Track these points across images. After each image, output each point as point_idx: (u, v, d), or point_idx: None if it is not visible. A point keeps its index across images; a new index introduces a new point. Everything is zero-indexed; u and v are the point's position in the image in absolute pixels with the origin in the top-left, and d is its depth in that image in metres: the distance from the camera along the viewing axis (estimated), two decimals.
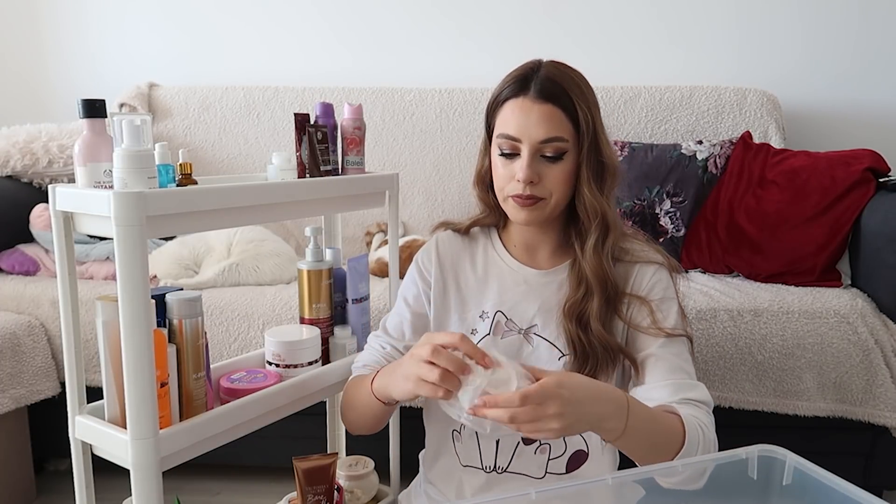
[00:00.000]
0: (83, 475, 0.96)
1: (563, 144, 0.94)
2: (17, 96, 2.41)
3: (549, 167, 0.95)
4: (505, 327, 1.01)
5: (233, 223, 1.01)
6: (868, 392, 1.46)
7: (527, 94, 0.94)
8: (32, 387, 1.53)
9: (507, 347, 1.00)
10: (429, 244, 1.10)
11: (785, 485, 0.80)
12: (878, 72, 2.18)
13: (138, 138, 0.85)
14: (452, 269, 1.07)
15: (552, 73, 0.95)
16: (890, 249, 1.54)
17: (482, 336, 1.01)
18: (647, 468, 0.90)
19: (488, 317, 1.02)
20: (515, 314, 1.01)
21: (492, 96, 1.00)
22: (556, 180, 0.95)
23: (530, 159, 0.94)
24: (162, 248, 1.75)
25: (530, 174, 0.94)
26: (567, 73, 0.97)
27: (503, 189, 0.98)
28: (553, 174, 0.95)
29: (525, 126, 0.94)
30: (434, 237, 1.11)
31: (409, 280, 1.10)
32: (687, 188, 1.85)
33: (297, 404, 1.09)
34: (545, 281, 1.02)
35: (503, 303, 1.02)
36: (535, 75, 0.95)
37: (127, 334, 0.82)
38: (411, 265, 1.11)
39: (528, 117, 0.94)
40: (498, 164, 0.98)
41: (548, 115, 0.93)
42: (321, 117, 1.16)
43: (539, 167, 0.94)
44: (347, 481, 1.25)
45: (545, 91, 0.94)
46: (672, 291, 1.00)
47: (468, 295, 1.05)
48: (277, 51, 2.33)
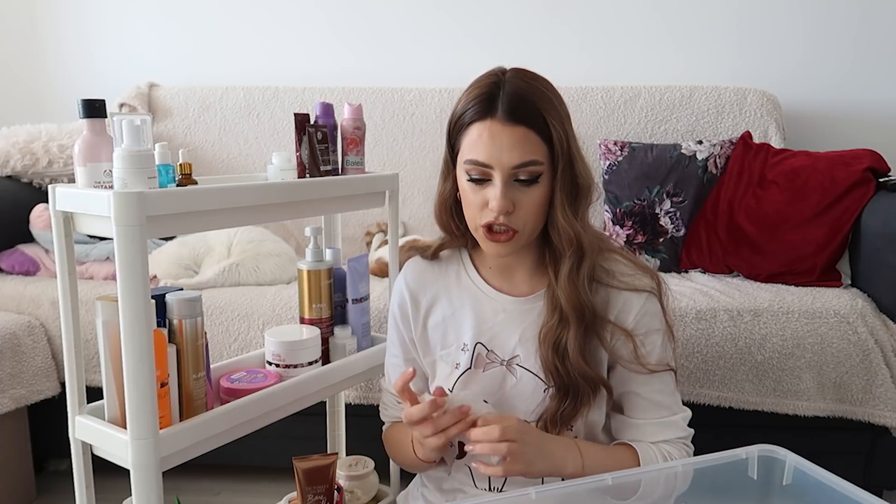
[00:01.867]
0: (83, 475, 0.96)
1: (539, 168, 0.87)
2: (17, 96, 2.41)
3: (524, 192, 0.88)
4: (486, 359, 0.96)
5: (233, 223, 1.01)
6: (868, 392, 1.46)
7: (494, 115, 0.87)
8: (32, 387, 1.53)
9: (491, 380, 0.96)
10: (398, 283, 1.05)
11: (785, 485, 0.80)
12: (879, 72, 2.18)
13: (138, 138, 0.85)
14: (427, 302, 1.01)
15: (520, 89, 0.88)
16: (890, 249, 1.54)
17: (464, 370, 0.97)
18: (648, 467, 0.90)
19: (468, 349, 0.97)
20: (496, 345, 0.96)
21: (453, 115, 0.93)
22: (531, 207, 0.89)
23: (504, 187, 0.87)
24: (162, 248, 1.75)
25: (506, 204, 0.87)
26: (535, 86, 0.89)
27: (474, 217, 0.91)
28: (528, 200, 0.88)
29: (496, 152, 0.86)
30: (402, 273, 1.05)
31: (392, 325, 1.06)
32: (687, 188, 1.85)
33: (297, 404, 1.09)
34: (525, 308, 0.96)
35: (482, 333, 0.97)
36: (501, 92, 0.88)
37: (127, 334, 0.82)
38: (390, 308, 1.06)
39: (499, 142, 0.86)
40: (467, 189, 0.91)
41: (520, 139, 0.86)
42: (321, 117, 1.16)
43: (513, 193, 0.88)
44: (347, 481, 1.25)
45: (515, 112, 0.86)
46: (659, 321, 0.95)
47: (447, 327, 0.99)
48: (277, 51, 2.33)
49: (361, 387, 1.51)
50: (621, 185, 1.90)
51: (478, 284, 0.99)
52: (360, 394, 1.52)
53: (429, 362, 1.02)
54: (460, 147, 0.92)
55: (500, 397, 0.95)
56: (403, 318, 1.03)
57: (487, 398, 0.95)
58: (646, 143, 1.97)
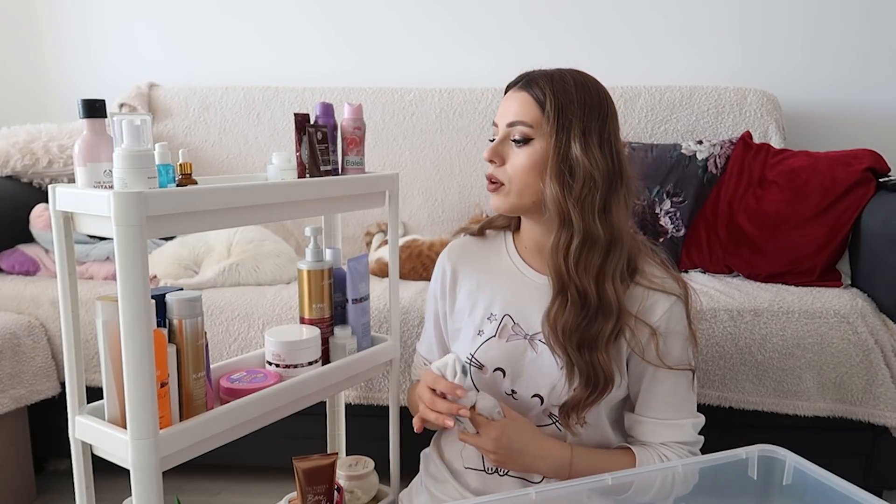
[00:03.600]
0: (83, 475, 0.96)
1: (527, 130, 0.95)
2: (17, 96, 2.41)
3: (514, 151, 0.97)
4: (511, 331, 1.01)
5: (233, 223, 1.00)
6: (868, 392, 1.46)
7: (515, 86, 1.00)
8: (32, 387, 1.53)
9: (512, 351, 1.00)
10: (441, 257, 1.13)
11: (785, 485, 0.80)
12: (879, 72, 2.18)
13: (138, 138, 0.85)
14: (464, 271, 1.09)
15: (552, 71, 0.98)
16: (890, 249, 1.54)
17: (487, 337, 1.02)
18: (648, 467, 0.90)
19: (496, 319, 1.02)
20: (522, 319, 1.01)
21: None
22: (517, 165, 0.96)
23: (498, 142, 0.98)
24: (162, 248, 1.75)
25: (490, 153, 0.98)
26: (566, 74, 0.98)
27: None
28: (517, 159, 0.96)
29: (502, 112, 0.99)
30: (446, 249, 1.13)
31: (430, 301, 1.15)
32: (687, 188, 1.85)
33: (297, 404, 1.09)
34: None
35: (511, 306, 1.02)
36: (534, 72, 0.99)
37: (127, 334, 0.82)
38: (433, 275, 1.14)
39: (506, 105, 0.99)
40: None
41: (521, 101, 0.97)
42: (321, 117, 1.16)
43: (505, 150, 0.98)
44: (347, 481, 1.25)
45: (528, 82, 0.97)
46: (683, 326, 0.98)
47: (479, 296, 1.05)
48: (277, 51, 2.33)
49: (361, 387, 1.51)
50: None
51: (514, 261, 1.06)
52: (360, 394, 1.52)
53: (455, 330, 1.08)
54: None
55: (520, 368, 1.00)
56: (441, 285, 1.11)
57: (507, 367, 1.00)
58: (646, 143, 1.97)
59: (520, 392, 1.00)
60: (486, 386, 1.01)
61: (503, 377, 1.00)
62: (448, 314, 1.10)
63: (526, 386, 0.99)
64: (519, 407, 0.99)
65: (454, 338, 1.09)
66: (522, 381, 1.00)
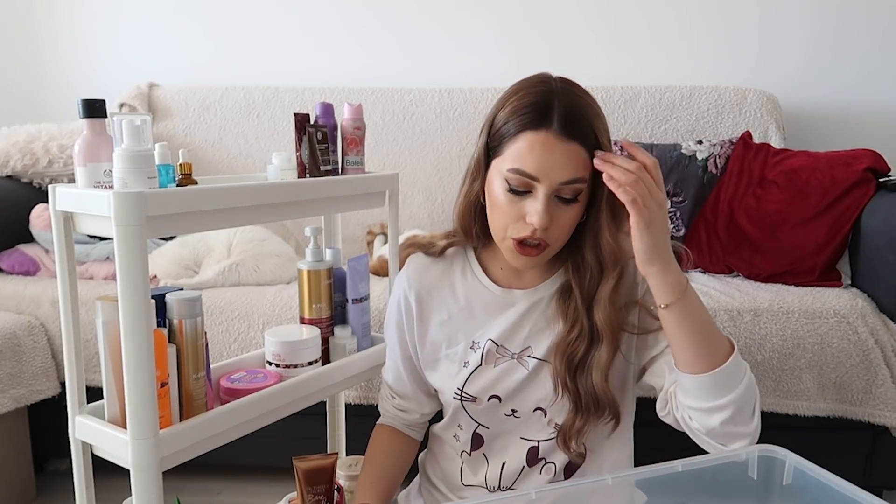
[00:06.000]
0: (83, 475, 0.96)
1: (582, 186, 0.86)
2: (17, 96, 2.41)
3: (563, 209, 0.86)
4: (497, 354, 0.96)
5: (233, 223, 1.00)
6: (868, 392, 1.46)
7: (549, 128, 0.84)
8: (32, 387, 1.53)
9: (502, 375, 0.95)
10: (400, 280, 1.03)
11: (785, 485, 0.80)
12: (879, 72, 2.18)
13: (138, 138, 0.85)
14: (431, 302, 1.00)
15: (575, 103, 0.86)
16: (890, 249, 1.54)
17: (474, 367, 0.96)
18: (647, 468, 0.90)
19: (479, 347, 0.96)
20: (507, 340, 0.95)
21: (498, 118, 0.89)
22: (566, 224, 0.87)
23: (546, 202, 0.84)
24: (162, 248, 1.75)
25: (546, 220, 0.85)
26: (587, 102, 0.87)
27: (504, 228, 0.89)
28: (565, 217, 0.87)
29: (547, 166, 0.83)
30: (404, 270, 1.04)
31: (391, 322, 1.05)
32: (687, 188, 1.85)
33: (297, 404, 1.09)
34: (535, 299, 0.96)
35: (492, 330, 0.96)
36: (556, 103, 0.85)
37: (127, 334, 0.82)
38: (389, 305, 1.06)
39: (551, 156, 0.83)
40: (503, 199, 0.88)
41: (572, 155, 0.84)
42: (321, 117, 1.16)
43: (552, 210, 0.86)
44: (347, 481, 1.25)
45: (571, 126, 0.84)
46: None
47: (454, 325, 0.98)
48: (277, 51, 2.33)
49: (361, 387, 1.51)
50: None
51: (484, 283, 0.98)
52: (360, 394, 1.52)
53: (430, 360, 1.02)
54: (503, 153, 0.87)
55: (515, 389, 0.95)
56: (406, 315, 1.02)
57: (499, 392, 0.95)
58: (646, 143, 1.97)
59: (521, 410, 0.95)
60: (484, 414, 0.97)
61: (499, 402, 0.95)
62: (418, 345, 1.02)
63: (525, 403, 0.95)
64: (523, 424, 0.96)
65: (430, 367, 1.02)
66: (520, 399, 0.95)
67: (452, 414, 1.00)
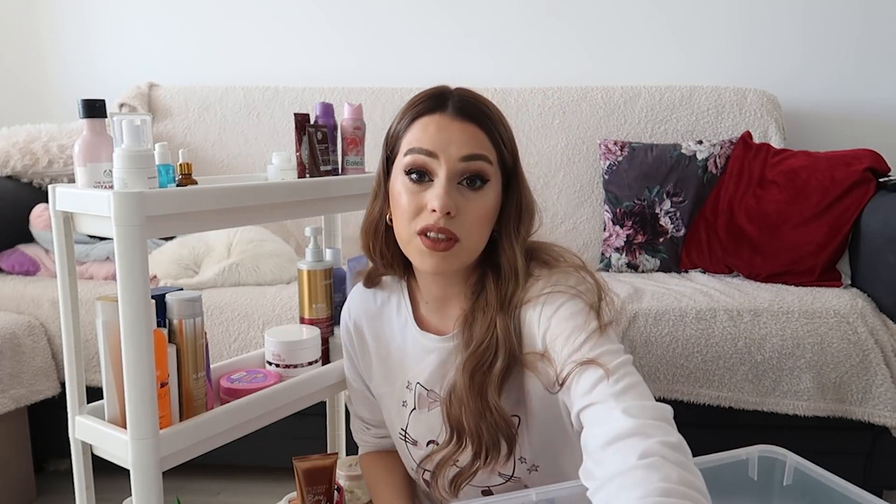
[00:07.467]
0: (83, 475, 0.96)
1: (488, 167, 0.80)
2: (17, 96, 2.41)
3: (469, 198, 0.80)
4: (428, 398, 0.92)
5: (233, 223, 1.00)
6: (868, 392, 1.46)
7: (444, 110, 0.80)
8: (32, 387, 1.53)
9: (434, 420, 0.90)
10: (344, 310, 1.02)
11: (785, 485, 0.80)
12: (879, 72, 2.18)
13: (138, 138, 0.85)
14: (370, 335, 0.98)
15: (471, 94, 0.83)
16: (890, 249, 1.54)
17: (411, 409, 0.93)
18: None
19: (412, 388, 0.93)
20: (434, 384, 0.90)
21: (393, 123, 0.86)
22: (475, 215, 0.80)
23: (447, 184, 0.78)
24: (162, 248, 1.75)
25: (448, 202, 0.77)
26: (484, 100, 0.84)
27: (409, 225, 0.81)
28: (472, 207, 0.79)
29: (445, 140, 0.79)
30: (348, 300, 1.02)
31: (346, 355, 1.04)
32: (687, 188, 1.85)
33: (297, 404, 1.09)
34: (449, 346, 0.89)
35: (419, 373, 0.92)
36: (450, 94, 0.83)
37: (127, 334, 0.82)
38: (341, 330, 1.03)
39: (448, 132, 0.79)
40: (403, 193, 0.81)
41: (470, 133, 0.80)
42: (321, 117, 1.16)
43: (457, 197, 0.79)
44: (347, 481, 1.25)
45: (466, 108, 0.81)
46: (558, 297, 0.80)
47: (391, 364, 0.96)
48: (277, 51, 2.33)
49: None
50: (621, 185, 1.90)
51: (410, 324, 0.93)
52: None
53: (377, 393, 1.00)
54: (401, 147, 0.83)
55: None
56: (351, 345, 1.01)
57: (437, 438, 0.91)
58: (646, 143, 1.97)
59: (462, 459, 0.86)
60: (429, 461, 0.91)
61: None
62: (365, 377, 1.01)
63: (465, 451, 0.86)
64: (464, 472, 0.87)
65: (380, 401, 1.00)
66: None
67: (402, 454, 0.99)
